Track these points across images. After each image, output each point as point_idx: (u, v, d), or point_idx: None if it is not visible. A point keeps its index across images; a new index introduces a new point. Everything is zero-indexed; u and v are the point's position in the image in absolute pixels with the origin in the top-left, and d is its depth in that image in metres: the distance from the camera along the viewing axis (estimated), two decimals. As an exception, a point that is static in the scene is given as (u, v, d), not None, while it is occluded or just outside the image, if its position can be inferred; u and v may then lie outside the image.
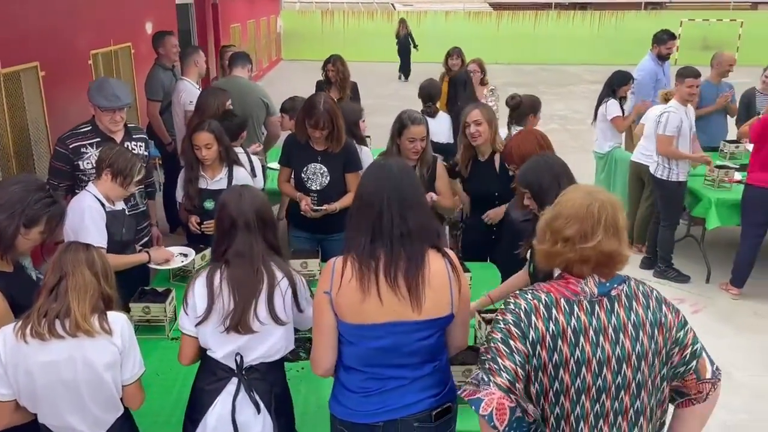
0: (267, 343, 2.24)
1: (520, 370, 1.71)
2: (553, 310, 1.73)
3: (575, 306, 1.74)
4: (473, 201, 3.99)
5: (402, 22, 18.48)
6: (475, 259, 3.76)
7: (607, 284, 1.77)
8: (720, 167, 5.59)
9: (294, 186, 3.91)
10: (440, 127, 4.67)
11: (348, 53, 6.77)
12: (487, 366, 1.73)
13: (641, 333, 1.75)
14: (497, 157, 3.79)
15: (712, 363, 1.86)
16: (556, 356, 1.71)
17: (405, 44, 18.12)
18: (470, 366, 2.57)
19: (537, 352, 1.72)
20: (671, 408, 1.91)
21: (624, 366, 1.74)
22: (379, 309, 2.00)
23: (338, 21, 22.69)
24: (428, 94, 5.20)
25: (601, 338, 1.73)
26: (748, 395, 4.04)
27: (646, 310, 1.78)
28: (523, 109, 4.91)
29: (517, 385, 1.70)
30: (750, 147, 5.49)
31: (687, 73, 5.29)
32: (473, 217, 4.01)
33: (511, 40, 22.30)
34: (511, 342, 1.72)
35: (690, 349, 1.82)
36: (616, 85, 6.19)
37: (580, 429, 1.76)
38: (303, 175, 3.82)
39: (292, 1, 24.85)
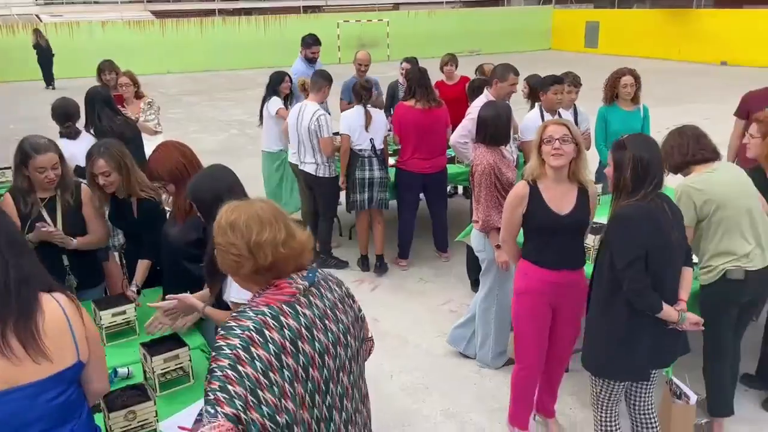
0: None
1: (250, 397, 1.62)
2: (282, 318, 1.72)
3: (296, 306, 1.77)
4: (125, 234, 3.75)
5: (36, 31, 18.07)
6: (146, 286, 3.51)
7: (310, 274, 1.85)
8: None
9: None
10: (83, 150, 4.21)
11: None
12: (212, 397, 1.62)
13: (345, 306, 1.90)
14: (135, 200, 3.51)
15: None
16: (302, 358, 1.71)
17: (46, 53, 17.86)
18: (133, 408, 2.35)
19: (284, 362, 1.68)
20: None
21: (348, 337, 1.86)
22: None
23: (-32, 37, 19.49)
24: (65, 113, 4.66)
25: (327, 322, 1.81)
26: (421, 354, 4.53)
27: (338, 287, 1.95)
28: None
29: (248, 412, 1.61)
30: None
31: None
32: (128, 246, 3.75)
33: (180, 48, 21.76)
34: (240, 367, 1.64)
35: (359, 314, 2.01)
36: (276, 84, 6.38)
37: (333, 417, 1.79)
38: None
39: None
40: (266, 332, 1.68)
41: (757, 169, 3.84)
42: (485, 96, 5.17)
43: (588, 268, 3.44)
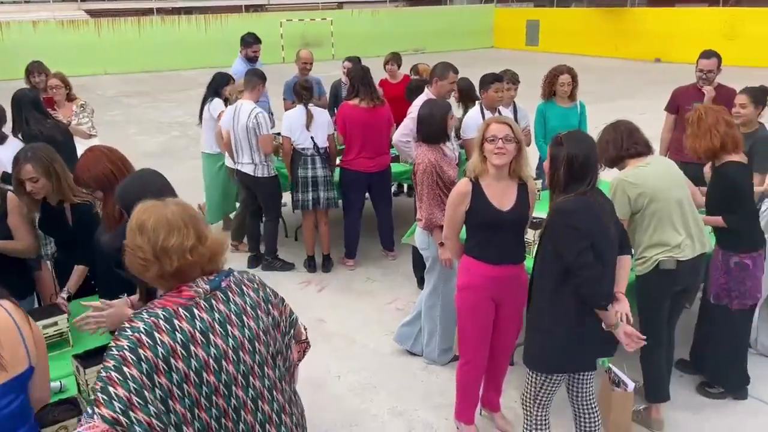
0: None
1: (135, 398, 1.61)
2: (175, 321, 1.70)
3: (194, 309, 1.74)
4: (56, 243, 3.61)
5: None
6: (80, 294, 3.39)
7: (216, 278, 1.82)
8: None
9: None
10: (9, 155, 4.02)
11: None
12: (93, 398, 1.63)
13: (259, 311, 1.86)
14: (68, 206, 3.39)
15: (304, 328, 2.14)
16: (194, 362, 1.68)
17: None
18: (64, 423, 2.27)
19: (173, 365, 1.66)
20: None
21: (257, 344, 1.82)
22: None
23: None
24: (-12, 117, 4.44)
25: (229, 327, 1.77)
26: (369, 354, 4.52)
27: (256, 291, 1.90)
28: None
29: (130, 414, 1.60)
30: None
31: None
32: (60, 255, 3.61)
33: (117, 48, 21.15)
34: (125, 368, 1.62)
35: (289, 319, 2.02)
36: (219, 85, 6.26)
37: (242, 418, 1.78)
38: None
39: None
40: (156, 335, 1.67)
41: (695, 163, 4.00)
42: (426, 94, 5.21)
43: (529, 263, 3.51)
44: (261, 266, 5.85)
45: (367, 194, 5.87)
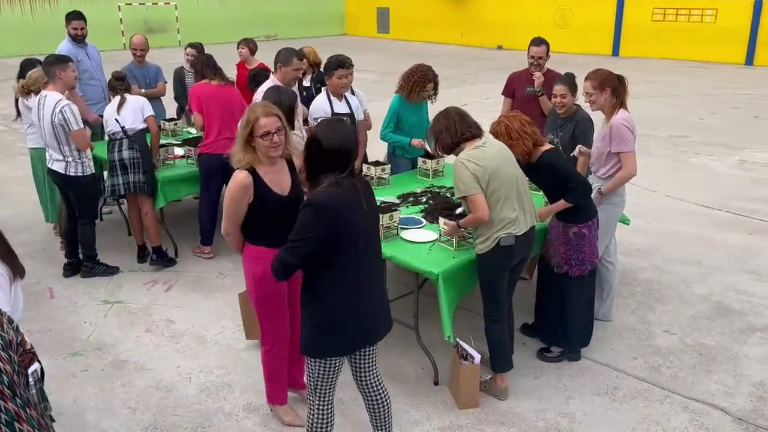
0: None
1: None
2: None
3: None
4: None
5: None
6: None
7: None
8: (162, 146, 5.77)
9: None
10: None
11: None
12: None
13: None
14: None
15: None
16: None
17: None
18: None
19: None
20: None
21: None
22: None
23: None
24: None
25: None
26: (222, 351, 4.35)
27: None
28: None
29: None
30: None
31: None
32: None
33: (-76, 33, 18.71)
34: None
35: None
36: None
37: None
38: None
39: None
40: None
41: None
42: (271, 80, 5.09)
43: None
44: (81, 273, 5.41)
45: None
